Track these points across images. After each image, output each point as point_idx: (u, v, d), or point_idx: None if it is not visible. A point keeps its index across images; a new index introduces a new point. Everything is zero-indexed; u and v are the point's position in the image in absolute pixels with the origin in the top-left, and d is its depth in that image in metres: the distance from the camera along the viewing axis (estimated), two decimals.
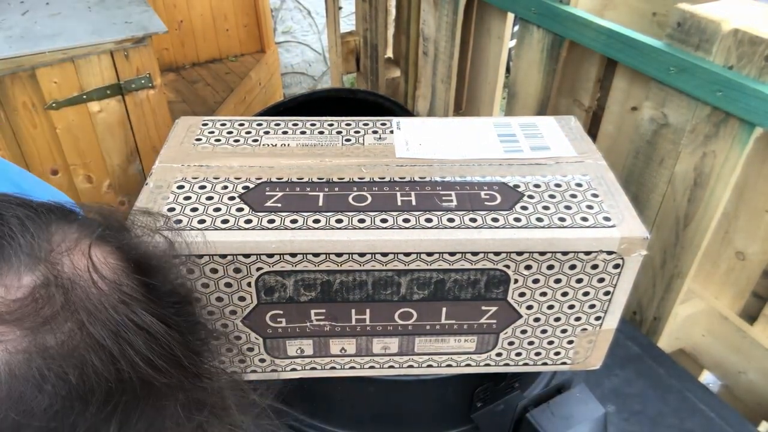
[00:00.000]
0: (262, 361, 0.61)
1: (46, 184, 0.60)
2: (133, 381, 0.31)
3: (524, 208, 0.57)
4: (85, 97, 1.58)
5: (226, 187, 0.58)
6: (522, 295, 0.57)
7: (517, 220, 0.55)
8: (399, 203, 0.57)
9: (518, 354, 0.63)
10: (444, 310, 0.58)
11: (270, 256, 0.53)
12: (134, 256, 0.35)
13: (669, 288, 0.98)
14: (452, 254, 0.54)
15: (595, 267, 0.56)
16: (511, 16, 1.23)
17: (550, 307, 0.59)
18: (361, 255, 0.53)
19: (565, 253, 0.55)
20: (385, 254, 0.54)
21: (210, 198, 0.56)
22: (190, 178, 0.59)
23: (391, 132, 0.69)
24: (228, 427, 0.37)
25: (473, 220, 0.55)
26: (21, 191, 0.51)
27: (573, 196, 0.59)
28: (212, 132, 0.67)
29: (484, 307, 0.58)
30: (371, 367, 0.64)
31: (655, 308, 1.01)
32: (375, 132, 0.69)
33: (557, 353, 0.63)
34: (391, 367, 0.64)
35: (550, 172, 0.62)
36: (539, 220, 0.55)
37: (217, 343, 0.39)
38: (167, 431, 0.33)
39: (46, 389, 0.28)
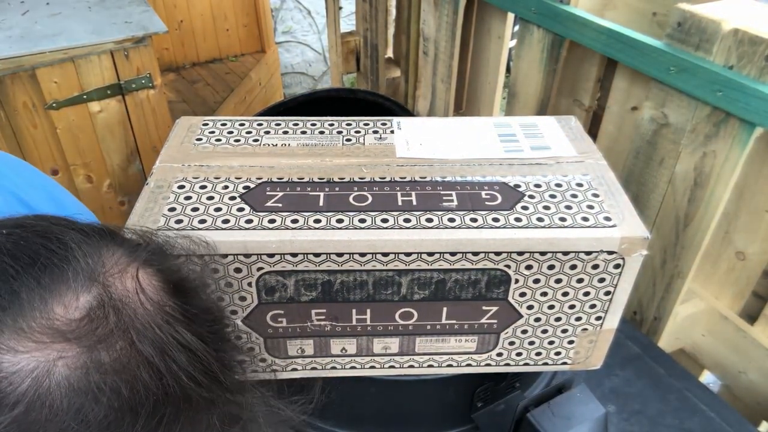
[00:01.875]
0: (263, 361, 0.61)
1: (76, 199, 0.63)
2: (177, 394, 0.33)
3: (525, 208, 0.57)
4: (85, 97, 1.58)
5: (226, 187, 0.58)
6: (523, 295, 0.57)
7: (518, 220, 0.55)
8: (399, 203, 0.57)
9: (519, 354, 0.63)
10: (445, 310, 0.58)
11: (271, 255, 0.53)
12: (174, 278, 0.38)
13: (669, 288, 0.98)
14: (453, 254, 0.54)
15: (595, 267, 0.56)
16: (511, 16, 1.23)
17: (551, 307, 0.59)
18: (362, 255, 0.53)
19: (565, 253, 0.55)
20: (385, 254, 0.54)
21: (211, 198, 0.56)
22: (191, 178, 0.59)
23: (392, 132, 0.69)
24: None
25: (474, 220, 0.55)
26: (62, 207, 0.53)
27: (573, 195, 0.59)
28: (213, 132, 0.67)
29: (484, 307, 0.58)
30: (372, 367, 0.64)
31: (655, 308, 1.01)
32: (375, 132, 0.69)
33: (558, 353, 0.64)
34: (392, 367, 0.64)
35: (551, 171, 0.62)
36: (540, 220, 0.55)
37: (244, 358, 0.42)
38: None
39: (101, 401, 0.31)
